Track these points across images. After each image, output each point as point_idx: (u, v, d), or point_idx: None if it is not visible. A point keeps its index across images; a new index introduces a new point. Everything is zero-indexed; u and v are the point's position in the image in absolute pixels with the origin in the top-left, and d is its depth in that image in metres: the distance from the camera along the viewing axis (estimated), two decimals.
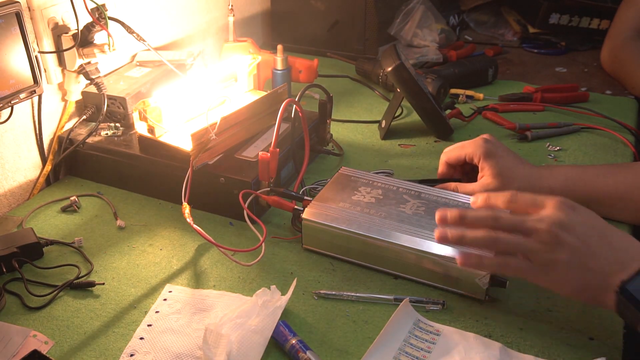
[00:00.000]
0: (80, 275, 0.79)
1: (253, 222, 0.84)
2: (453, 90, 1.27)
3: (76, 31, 0.94)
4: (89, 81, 0.99)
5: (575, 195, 0.73)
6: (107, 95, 0.99)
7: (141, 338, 0.69)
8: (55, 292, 0.76)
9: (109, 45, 0.96)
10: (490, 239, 0.65)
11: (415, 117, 1.15)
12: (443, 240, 0.68)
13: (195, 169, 0.88)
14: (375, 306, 0.74)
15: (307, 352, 0.64)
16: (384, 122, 1.14)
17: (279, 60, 1.20)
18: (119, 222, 0.89)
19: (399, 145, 1.11)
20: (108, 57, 1.08)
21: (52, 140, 1.01)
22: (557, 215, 0.64)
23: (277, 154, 0.86)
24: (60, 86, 1.00)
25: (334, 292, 0.75)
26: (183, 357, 0.66)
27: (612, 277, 0.62)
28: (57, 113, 1.01)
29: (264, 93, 1.06)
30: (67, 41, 0.95)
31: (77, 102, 1.03)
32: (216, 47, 1.36)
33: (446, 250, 0.74)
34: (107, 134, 1.00)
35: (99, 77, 0.99)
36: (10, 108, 0.90)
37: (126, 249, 0.85)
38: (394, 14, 1.44)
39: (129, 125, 1.01)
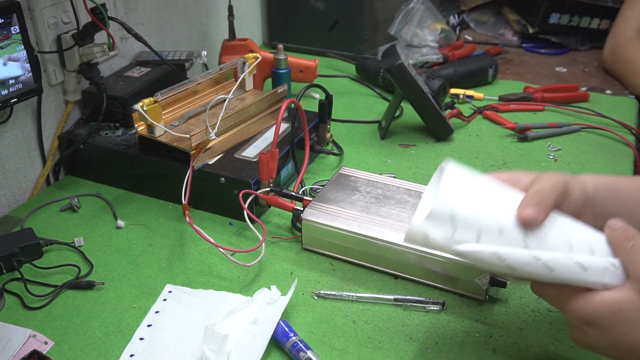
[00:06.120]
0: (80, 275, 0.79)
1: (253, 222, 0.84)
2: (453, 90, 1.27)
3: (76, 31, 0.94)
4: (88, 81, 0.99)
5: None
6: (107, 95, 0.99)
7: (141, 338, 0.69)
8: (55, 292, 0.76)
9: (108, 45, 0.96)
10: None
11: (415, 117, 1.15)
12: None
13: (195, 169, 0.88)
14: (375, 306, 0.74)
15: (308, 352, 0.64)
16: (384, 122, 1.14)
17: (279, 60, 1.20)
18: (119, 222, 0.89)
19: (399, 145, 1.11)
20: (108, 57, 1.08)
21: (52, 140, 1.01)
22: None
23: (277, 154, 0.86)
24: (60, 86, 1.00)
25: (333, 292, 0.75)
26: (183, 358, 0.66)
27: None
28: (57, 113, 1.01)
29: (264, 93, 1.06)
30: (67, 41, 0.95)
31: (77, 102, 1.03)
32: (216, 47, 1.36)
33: None
34: (107, 134, 1.00)
35: (99, 77, 0.99)
36: (10, 108, 0.90)
37: (126, 249, 0.85)
38: (394, 14, 1.44)
39: (129, 125, 1.01)
